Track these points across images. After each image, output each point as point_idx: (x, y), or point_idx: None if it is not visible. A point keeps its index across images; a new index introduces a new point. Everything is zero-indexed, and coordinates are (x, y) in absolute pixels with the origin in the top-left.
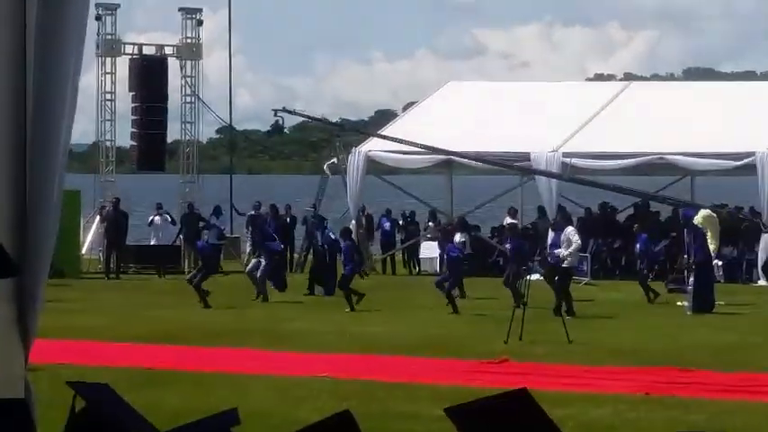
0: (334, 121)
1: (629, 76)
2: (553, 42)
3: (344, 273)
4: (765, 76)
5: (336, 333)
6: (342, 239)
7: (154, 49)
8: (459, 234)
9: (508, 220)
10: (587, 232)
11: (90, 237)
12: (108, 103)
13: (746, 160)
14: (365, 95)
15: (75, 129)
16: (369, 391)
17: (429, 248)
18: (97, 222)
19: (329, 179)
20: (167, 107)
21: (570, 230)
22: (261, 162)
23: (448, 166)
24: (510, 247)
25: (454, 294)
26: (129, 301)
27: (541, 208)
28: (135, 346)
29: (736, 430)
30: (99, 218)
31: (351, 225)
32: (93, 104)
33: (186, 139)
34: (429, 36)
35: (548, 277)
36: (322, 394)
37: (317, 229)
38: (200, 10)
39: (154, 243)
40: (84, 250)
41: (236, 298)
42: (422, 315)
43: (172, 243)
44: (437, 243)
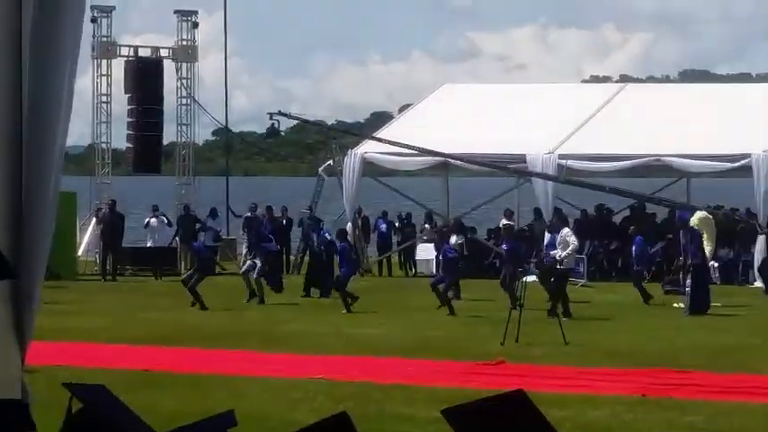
0: (330, 123)
1: (624, 77)
2: (548, 44)
3: (340, 274)
4: (761, 78)
5: (332, 335)
6: (338, 241)
7: (149, 51)
8: (456, 236)
9: (504, 221)
10: (583, 234)
11: (86, 239)
12: (104, 106)
13: (742, 162)
14: (361, 97)
15: (71, 131)
16: (365, 393)
17: (425, 250)
18: (93, 224)
19: (325, 181)
20: (163, 109)
21: (566, 231)
22: (257, 164)
23: (444, 168)
24: (506, 249)
25: (449, 295)
26: (125, 303)
27: (537, 210)
28: (131, 347)
29: (733, 431)
30: (95, 220)
31: (347, 227)
32: (89, 107)
33: (182, 141)
34: (424, 38)
35: (542, 279)
36: (318, 396)
37: (312, 230)
38: (196, 12)
39: (150, 245)
40: (81, 252)
41: (233, 300)
42: (418, 317)
43: (168, 245)
44: (433, 245)
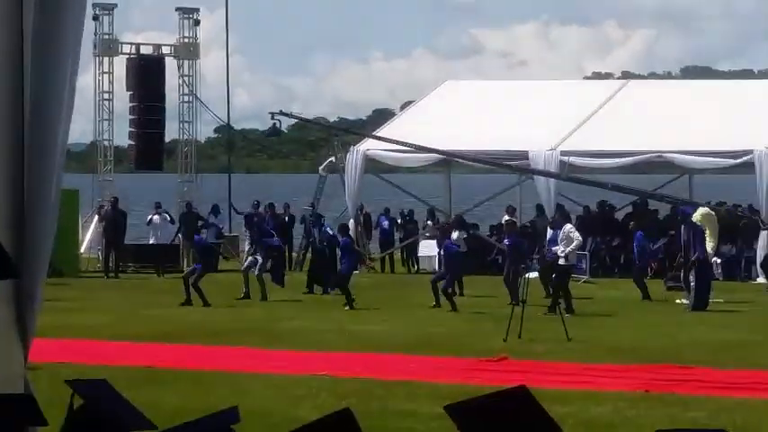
0: (332, 121)
1: (626, 74)
2: (550, 41)
3: (342, 269)
4: (763, 74)
5: (335, 331)
6: (340, 235)
7: (151, 48)
8: (457, 232)
9: (506, 218)
10: (586, 230)
11: (88, 236)
12: (106, 103)
13: (744, 158)
14: (363, 95)
15: (73, 128)
16: (368, 390)
17: (428, 247)
18: (96, 222)
19: (327, 178)
20: (165, 107)
21: (569, 228)
22: (259, 161)
23: (446, 164)
24: (508, 244)
25: (449, 291)
26: (127, 300)
27: (540, 206)
28: (134, 344)
29: (736, 427)
30: (97, 217)
31: (349, 224)
32: (91, 104)
33: (184, 138)
34: (427, 35)
35: (542, 275)
36: (321, 393)
37: (314, 227)
38: (198, 9)
39: (152, 242)
40: (83, 249)
41: (235, 297)
42: (421, 313)
43: (170, 242)
44: (435, 241)
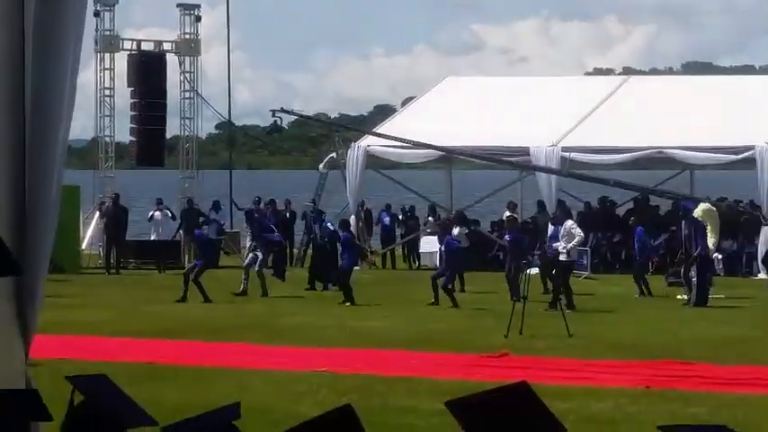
0: (333, 117)
1: (627, 70)
2: (551, 37)
3: (343, 264)
4: (764, 69)
5: (336, 327)
6: (340, 230)
7: (152, 44)
8: (458, 227)
9: (507, 214)
10: (587, 226)
11: (90, 232)
12: (107, 99)
13: (745, 154)
14: (364, 91)
15: (74, 125)
16: (369, 386)
17: (429, 243)
18: (97, 218)
19: (328, 174)
20: (166, 103)
21: (571, 224)
22: (260, 157)
23: (447, 160)
24: (509, 240)
25: (450, 288)
26: (128, 297)
27: (541, 202)
28: (135, 341)
29: (737, 423)
30: (98, 213)
31: (350, 220)
32: (92, 100)
33: (185, 134)
34: (428, 31)
35: (543, 271)
36: (322, 389)
37: (315, 223)
38: (199, 6)
39: (154, 238)
40: (84, 246)
41: (233, 292)
42: (422, 309)
43: (172, 238)
44: (436, 237)
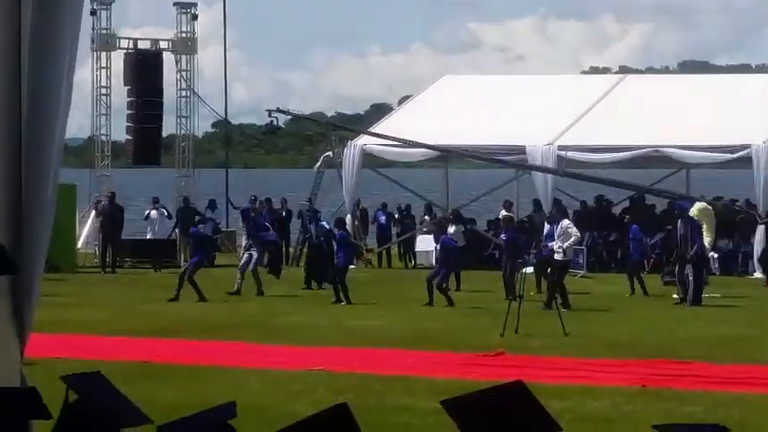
0: (329, 116)
1: (624, 69)
2: (548, 36)
3: (338, 262)
4: (760, 68)
5: (332, 326)
6: (336, 229)
7: (149, 43)
8: (454, 226)
9: (503, 213)
10: (583, 225)
11: (86, 231)
12: (103, 98)
13: (742, 153)
14: (361, 89)
15: (71, 123)
16: (364, 385)
17: (425, 242)
18: (93, 216)
19: (324, 173)
20: (163, 101)
21: (567, 223)
22: (256, 156)
23: (444, 159)
24: (505, 239)
25: (444, 287)
26: (124, 296)
27: (537, 201)
28: (131, 339)
29: (733, 422)
30: (95, 212)
31: (346, 218)
32: (89, 99)
33: (182, 133)
34: (424, 30)
35: (538, 270)
36: (318, 388)
37: (310, 222)
38: (195, 4)
39: (150, 237)
40: (80, 244)
41: (227, 291)
42: (417, 308)
43: (168, 237)
44: (432, 236)
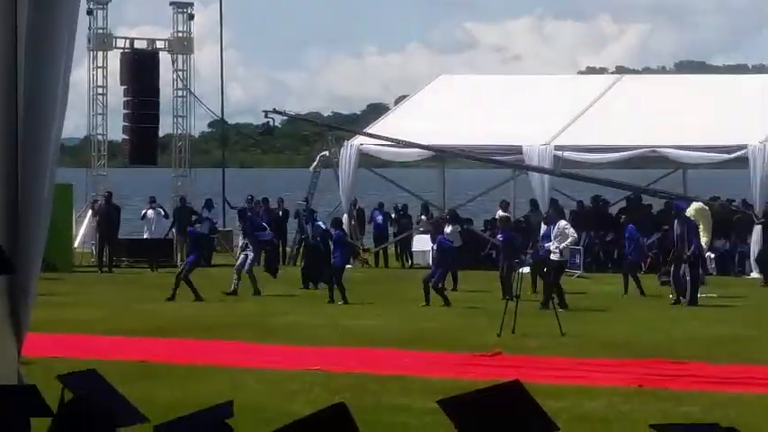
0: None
1: (620, 69)
2: (545, 36)
3: (335, 261)
4: (757, 69)
5: (329, 326)
6: (332, 229)
7: (145, 43)
8: (451, 226)
9: (500, 213)
10: (580, 225)
11: (82, 230)
12: (99, 98)
13: (738, 153)
14: (357, 89)
15: (67, 123)
16: (361, 384)
17: (421, 241)
18: (89, 216)
19: (321, 173)
20: (159, 101)
21: (564, 224)
22: (253, 156)
23: (440, 159)
24: (501, 239)
25: (440, 287)
26: (121, 295)
27: (534, 201)
28: (127, 339)
29: (729, 422)
30: (91, 212)
31: (343, 218)
32: (85, 99)
33: (178, 132)
34: (421, 30)
35: (534, 270)
36: (315, 387)
37: (307, 222)
38: (192, 4)
39: (146, 237)
40: (77, 244)
41: (223, 291)
42: (414, 308)
43: (164, 237)
44: (429, 236)
